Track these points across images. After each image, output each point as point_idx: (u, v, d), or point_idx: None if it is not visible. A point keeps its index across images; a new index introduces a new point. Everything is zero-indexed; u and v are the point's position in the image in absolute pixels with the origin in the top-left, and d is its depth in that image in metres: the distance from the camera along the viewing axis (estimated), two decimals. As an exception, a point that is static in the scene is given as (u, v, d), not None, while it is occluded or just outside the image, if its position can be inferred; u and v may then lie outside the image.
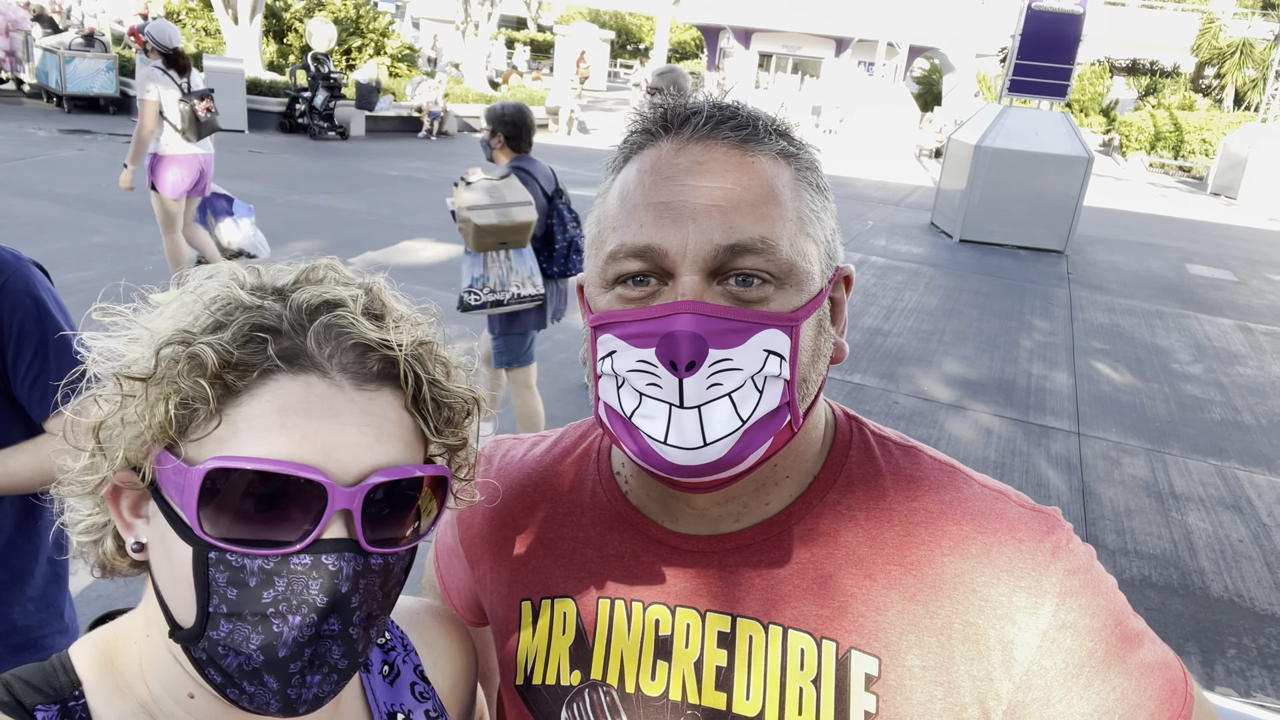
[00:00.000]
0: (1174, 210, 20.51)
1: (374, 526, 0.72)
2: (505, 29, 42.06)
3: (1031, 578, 0.86)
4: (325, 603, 0.68)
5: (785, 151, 0.88)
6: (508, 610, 1.03)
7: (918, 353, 7.91)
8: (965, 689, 0.85)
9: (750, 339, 0.81)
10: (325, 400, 0.71)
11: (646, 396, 0.83)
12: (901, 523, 0.91)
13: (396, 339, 0.75)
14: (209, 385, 0.69)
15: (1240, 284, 12.56)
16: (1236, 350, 9.03)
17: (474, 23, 25.93)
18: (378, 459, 0.72)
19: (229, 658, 0.69)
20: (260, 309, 0.73)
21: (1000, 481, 0.96)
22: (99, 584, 3.50)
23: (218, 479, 0.68)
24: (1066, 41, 13.44)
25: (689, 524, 0.95)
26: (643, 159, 0.87)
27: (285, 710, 0.70)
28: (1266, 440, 6.64)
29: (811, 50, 38.96)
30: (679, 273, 0.82)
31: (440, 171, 15.80)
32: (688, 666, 0.91)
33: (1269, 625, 4.20)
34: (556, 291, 5.11)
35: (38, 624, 1.79)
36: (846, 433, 0.98)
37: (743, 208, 0.82)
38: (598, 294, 0.88)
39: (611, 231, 0.86)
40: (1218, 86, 36.25)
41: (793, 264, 0.83)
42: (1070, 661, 0.85)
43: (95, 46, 18.37)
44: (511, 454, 1.12)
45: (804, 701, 0.87)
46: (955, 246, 13.29)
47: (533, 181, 4.78)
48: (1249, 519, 5.31)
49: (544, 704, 0.97)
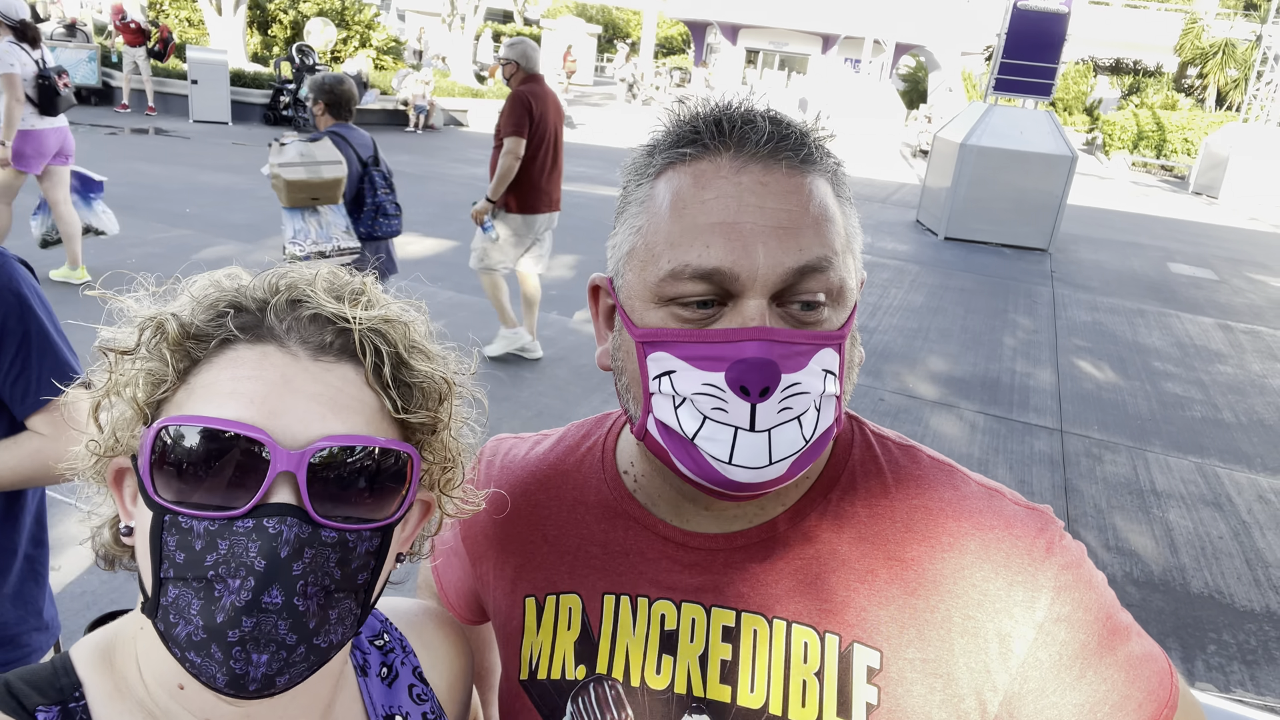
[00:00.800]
0: (1156, 209, 20.68)
1: (332, 502, 0.71)
2: (491, 22, 41.89)
3: (1028, 573, 0.88)
4: (264, 567, 0.67)
5: (829, 168, 0.88)
6: (511, 606, 1.04)
7: (903, 350, 7.95)
8: (964, 681, 0.87)
9: (811, 360, 0.82)
10: (278, 368, 0.72)
11: (711, 420, 0.82)
12: (902, 520, 0.93)
13: (354, 314, 0.76)
14: (171, 354, 0.72)
15: (1221, 283, 12.68)
16: (1217, 349, 9.12)
17: (460, 16, 25.82)
18: (329, 428, 0.71)
19: (179, 626, 0.68)
20: (234, 290, 0.77)
21: (994, 480, 0.98)
22: (81, 581, 3.48)
23: (166, 438, 0.69)
24: (1051, 40, 13.52)
25: (698, 523, 0.96)
26: (698, 173, 0.85)
27: (233, 685, 0.68)
28: (1246, 438, 6.71)
29: (798, 46, 39.06)
30: (746, 296, 0.81)
31: (427, 165, 15.74)
32: (693, 660, 0.93)
33: (1248, 621, 4.25)
34: (373, 250, 5.56)
35: (14, 621, 1.78)
36: (848, 433, 1.00)
37: (805, 230, 0.82)
38: (645, 309, 0.86)
39: (669, 248, 0.83)
40: (1200, 86, 36.53)
41: (844, 282, 0.85)
42: (1064, 654, 0.87)
43: (77, 37, 18.18)
44: (513, 452, 1.13)
45: (807, 694, 0.89)
46: (940, 244, 13.36)
47: (347, 146, 5.30)
48: (1229, 516, 5.37)
49: (549, 698, 0.98)
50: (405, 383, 0.78)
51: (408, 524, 0.84)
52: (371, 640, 0.96)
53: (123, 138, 15.44)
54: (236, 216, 10.30)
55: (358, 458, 0.73)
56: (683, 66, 46.19)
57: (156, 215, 9.85)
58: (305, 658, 0.71)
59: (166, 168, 12.94)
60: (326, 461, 0.71)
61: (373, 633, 0.96)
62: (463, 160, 16.92)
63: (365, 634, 0.96)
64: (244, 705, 0.76)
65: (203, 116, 17.82)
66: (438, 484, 0.86)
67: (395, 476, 0.76)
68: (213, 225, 9.73)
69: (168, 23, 21.79)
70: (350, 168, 5.21)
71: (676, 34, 52.24)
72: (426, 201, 12.36)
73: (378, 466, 0.74)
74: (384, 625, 0.98)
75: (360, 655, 0.93)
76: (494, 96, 24.43)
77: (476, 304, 7.79)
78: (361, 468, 0.73)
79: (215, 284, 0.78)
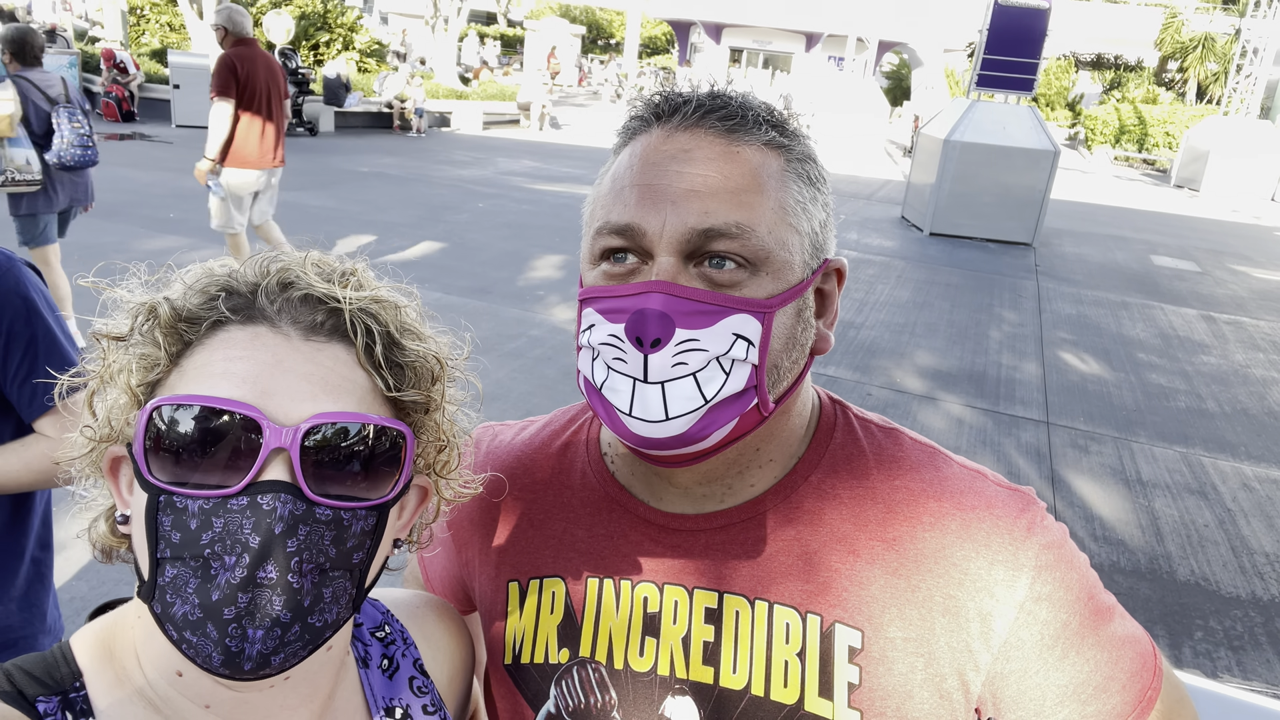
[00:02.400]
0: (1139, 202, 20.82)
1: (327, 480, 0.71)
2: (475, 24, 41.79)
3: (1009, 552, 0.89)
4: (259, 543, 0.67)
5: (775, 142, 0.89)
6: (496, 591, 1.05)
7: (890, 345, 7.98)
8: (945, 660, 0.88)
9: (719, 322, 0.83)
10: (270, 348, 0.73)
11: (613, 370, 0.86)
12: (884, 501, 0.93)
13: (344, 294, 0.77)
14: (164, 337, 0.73)
15: (1204, 275, 12.78)
16: (1201, 340, 9.20)
17: (443, 18, 25.76)
18: (321, 407, 0.72)
19: (175, 606, 0.69)
20: (225, 275, 0.77)
21: (977, 463, 0.99)
22: (74, 584, 3.47)
23: (160, 419, 0.70)
24: (1033, 36, 13.59)
25: (674, 503, 0.97)
26: (635, 145, 0.91)
27: (228, 664, 0.68)
28: (1230, 427, 6.77)
29: (782, 45, 39.13)
30: (656, 253, 0.85)
31: (412, 168, 15.70)
32: (675, 642, 0.93)
33: (1234, 608, 4.29)
34: (70, 182, 6.05)
35: (20, 624, 1.78)
36: (831, 416, 1.01)
37: (721, 194, 0.84)
38: (588, 269, 0.92)
39: (601, 209, 0.90)
40: (1180, 80, 36.82)
41: (769, 252, 0.85)
42: (1046, 633, 0.88)
43: (57, 43, 18.04)
44: (500, 438, 1.14)
45: (789, 674, 0.89)
46: (926, 240, 13.41)
47: (32, 87, 5.87)
48: (1214, 504, 5.42)
49: (533, 682, 0.99)
50: (397, 363, 0.79)
51: (405, 508, 0.85)
52: (373, 632, 0.96)
53: (105, 143, 15.35)
54: (221, 221, 10.24)
55: (352, 437, 0.73)
56: (667, 66, 46.20)
57: (140, 221, 9.79)
58: (300, 636, 0.71)
59: (149, 173, 12.87)
60: (320, 439, 0.71)
61: (374, 624, 0.97)
62: (448, 162, 16.88)
63: (367, 626, 0.96)
64: (241, 689, 0.76)
65: (185, 121, 17.71)
66: (433, 467, 0.86)
67: (389, 455, 0.76)
68: (197, 230, 9.66)
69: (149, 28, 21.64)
70: (36, 107, 5.79)
71: (661, 34, 52.24)
72: (412, 204, 12.34)
73: (371, 445, 0.75)
74: (385, 617, 0.98)
75: (361, 647, 0.93)
76: (479, 98, 24.40)
77: (465, 305, 7.79)
78: (355, 446, 0.73)
79: (207, 270, 0.78)
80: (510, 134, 23.12)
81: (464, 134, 22.06)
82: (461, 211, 12.14)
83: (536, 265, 9.60)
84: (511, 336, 7.18)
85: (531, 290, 8.58)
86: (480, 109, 23.33)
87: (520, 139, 22.17)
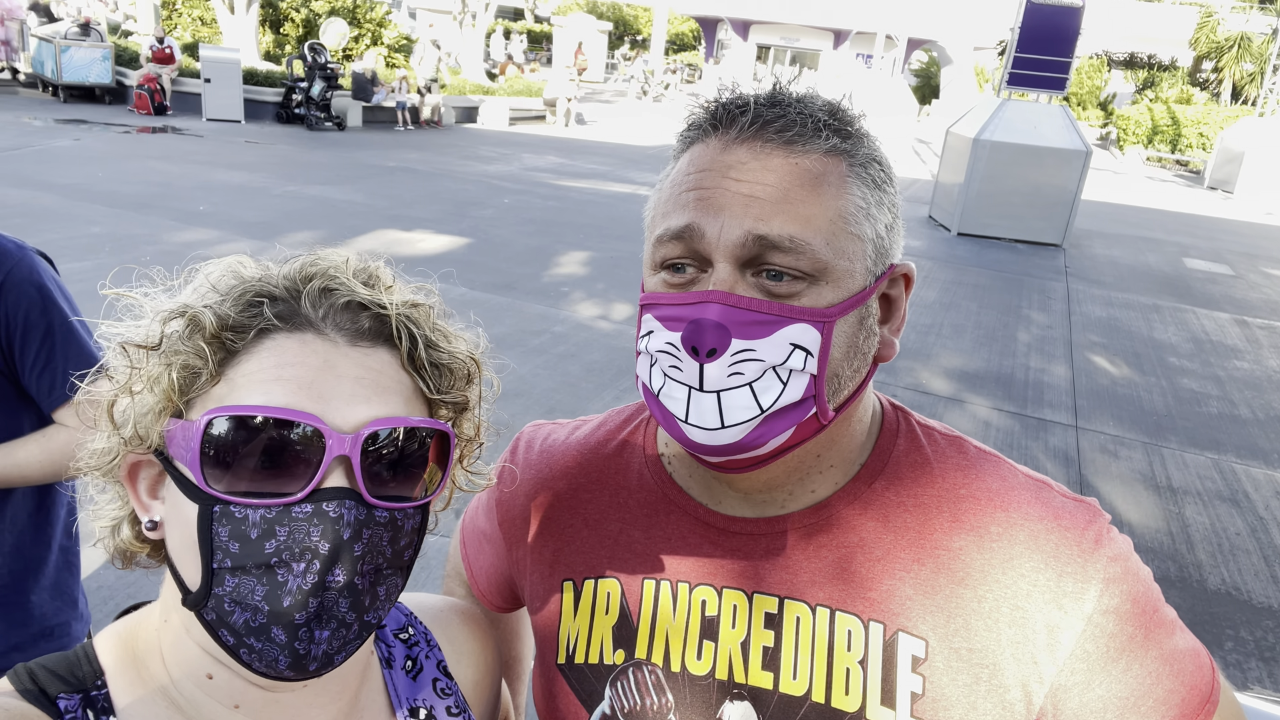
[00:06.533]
0: (1171, 204, 20.53)
1: (379, 482, 0.73)
2: (502, 20, 41.91)
3: (1077, 564, 0.88)
4: (328, 550, 0.69)
5: (836, 149, 0.88)
6: (549, 590, 1.05)
7: (916, 346, 7.92)
8: (1010, 671, 0.87)
9: (776, 332, 0.83)
10: (321, 354, 0.73)
11: (670, 378, 0.87)
12: (948, 509, 0.92)
13: (388, 299, 0.78)
14: (208, 346, 0.72)
15: (1237, 278, 12.58)
16: (1233, 344, 9.05)
17: (471, 13, 25.84)
18: (375, 411, 0.73)
19: (236, 614, 0.69)
20: (258, 280, 0.77)
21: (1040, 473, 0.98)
22: (99, 574, 3.50)
23: (217, 427, 0.70)
24: (1065, 34, 13.43)
25: (734, 506, 0.97)
26: (693, 153, 0.90)
27: (295, 666, 0.70)
28: (1263, 434, 6.66)
29: (810, 42, 38.95)
30: (714, 259, 0.84)
31: (438, 163, 15.77)
32: (734, 646, 0.93)
33: (1266, 618, 4.21)
34: None
35: (53, 611, 1.80)
36: (894, 423, 1.00)
37: (777, 205, 0.83)
38: (649, 275, 0.92)
39: (660, 218, 0.90)
40: (1215, 80, 36.27)
41: (827, 264, 0.84)
42: (1112, 645, 0.87)
43: (91, 36, 18.29)
44: (553, 437, 1.14)
45: (850, 682, 0.89)
46: (953, 240, 13.30)
47: None
48: (1246, 512, 5.33)
49: (586, 682, 0.99)
50: (436, 364, 0.80)
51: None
52: (396, 634, 0.96)
53: (136, 136, 15.53)
54: (250, 215, 10.34)
55: (403, 440, 0.75)
56: (693, 63, 46.12)
57: (171, 214, 9.90)
58: (358, 634, 0.73)
59: (180, 166, 13.01)
60: (377, 444, 0.73)
61: (397, 626, 0.97)
62: (473, 158, 16.94)
63: (390, 627, 0.97)
64: (275, 688, 0.77)
65: (216, 115, 17.90)
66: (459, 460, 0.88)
67: (437, 456, 0.78)
68: (227, 223, 9.77)
69: (181, 22, 21.89)
70: None
71: (688, 30, 52.15)
72: (438, 199, 12.39)
73: (420, 446, 0.77)
74: (409, 619, 0.99)
75: (385, 648, 0.94)
76: (505, 94, 24.46)
77: (489, 301, 7.81)
78: (406, 448, 0.75)
79: (233, 273, 0.78)
80: (536, 130, 23.18)
81: (490, 129, 22.13)
82: (486, 207, 12.18)
83: (561, 261, 9.59)
84: (536, 333, 7.19)
85: (556, 286, 8.59)
86: (506, 105, 23.39)
87: (546, 135, 22.21)
